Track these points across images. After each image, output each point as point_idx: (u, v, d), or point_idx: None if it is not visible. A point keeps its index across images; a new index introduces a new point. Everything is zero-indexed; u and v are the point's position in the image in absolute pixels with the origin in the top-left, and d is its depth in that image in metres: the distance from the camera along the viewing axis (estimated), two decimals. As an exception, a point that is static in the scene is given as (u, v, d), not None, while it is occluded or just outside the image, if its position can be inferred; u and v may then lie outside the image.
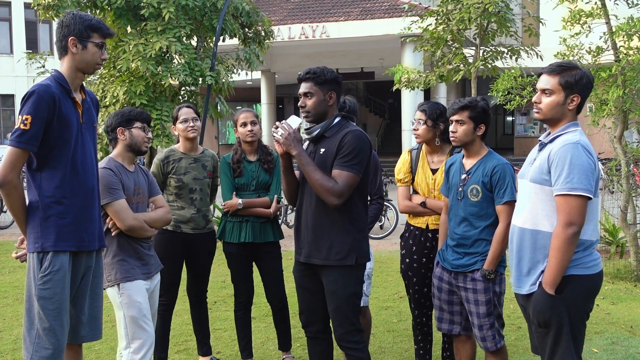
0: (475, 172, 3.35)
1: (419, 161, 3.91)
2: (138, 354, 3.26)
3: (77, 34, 2.84)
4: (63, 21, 2.85)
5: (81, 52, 2.86)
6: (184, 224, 4.07)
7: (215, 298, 6.15)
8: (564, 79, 2.73)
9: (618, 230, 7.89)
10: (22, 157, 2.74)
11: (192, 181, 4.07)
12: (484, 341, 3.37)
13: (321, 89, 3.20)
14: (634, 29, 6.46)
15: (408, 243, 3.93)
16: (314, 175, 3.07)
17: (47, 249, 2.80)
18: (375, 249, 8.53)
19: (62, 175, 2.82)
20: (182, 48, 8.67)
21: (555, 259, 2.65)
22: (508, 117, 29.52)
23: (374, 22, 17.54)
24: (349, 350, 3.21)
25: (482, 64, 9.16)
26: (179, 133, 4.12)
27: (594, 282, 2.76)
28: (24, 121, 2.70)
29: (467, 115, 3.34)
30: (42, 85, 2.77)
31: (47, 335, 2.80)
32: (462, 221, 3.37)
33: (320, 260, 3.18)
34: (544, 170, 2.73)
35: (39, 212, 2.81)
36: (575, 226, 2.61)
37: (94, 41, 2.88)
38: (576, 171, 2.62)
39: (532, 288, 2.78)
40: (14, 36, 25.63)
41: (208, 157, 4.22)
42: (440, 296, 3.53)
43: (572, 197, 2.62)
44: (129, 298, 3.28)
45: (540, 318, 2.72)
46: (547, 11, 10.82)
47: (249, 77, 19.31)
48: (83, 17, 2.87)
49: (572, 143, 2.67)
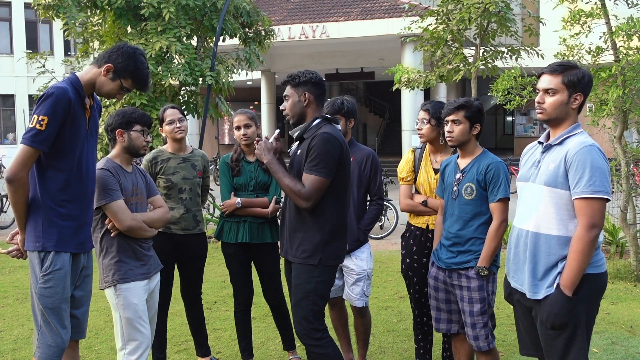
0: (470, 171, 3.36)
1: (422, 160, 3.92)
2: (133, 356, 3.26)
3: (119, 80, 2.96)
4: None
5: (113, 78, 2.94)
6: (174, 224, 4.04)
7: (215, 298, 6.15)
8: (567, 78, 2.71)
9: (618, 230, 7.89)
10: (34, 156, 2.78)
11: (181, 181, 4.05)
12: (476, 340, 3.36)
13: (296, 90, 3.30)
14: (633, 29, 6.46)
15: (409, 243, 3.93)
16: (283, 181, 3.23)
17: (49, 249, 2.84)
18: (375, 249, 8.54)
19: (66, 179, 2.87)
20: (182, 48, 8.67)
21: (576, 261, 2.62)
22: (508, 117, 29.53)
23: (374, 22, 17.54)
24: (309, 347, 3.24)
25: (482, 64, 9.16)
26: (166, 134, 4.11)
27: (603, 280, 2.77)
28: (40, 121, 2.73)
29: (463, 114, 3.36)
30: (60, 87, 2.80)
31: (49, 332, 2.85)
32: (456, 220, 3.38)
33: (290, 256, 3.32)
34: (559, 173, 2.68)
35: (41, 211, 2.84)
36: (597, 228, 2.60)
37: (126, 83, 2.97)
38: (597, 174, 2.59)
39: (548, 291, 2.73)
40: (14, 36, 25.63)
41: (198, 156, 4.19)
42: (437, 296, 3.53)
43: (594, 200, 2.59)
44: (125, 299, 3.27)
45: (557, 321, 2.68)
46: (547, 11, 10.82)
47: (249, 77, 19.32)
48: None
49: (589, 146, 2.64)
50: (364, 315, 4.17)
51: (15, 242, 2.99)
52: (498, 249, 3.34)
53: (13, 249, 3.01)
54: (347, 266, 4.01)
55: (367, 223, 4.05)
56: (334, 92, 26.31)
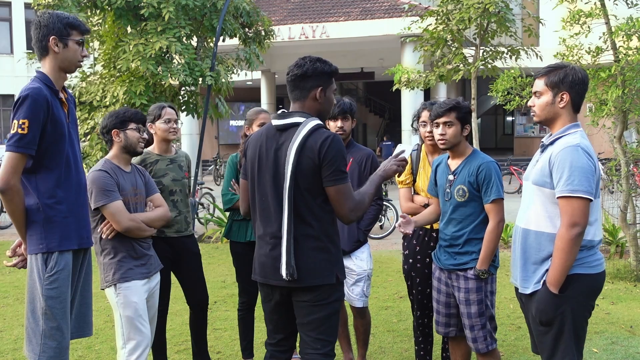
0: (461, 173, 3.37)
1: (419, 162, 3.91)
2: (133, 355, 3.27)
3: (57, 33, 2.82)
4: (40, 21, 2.83)
5: (63, 51, 2.84)
6: (167, 228, 3.91)
7: (215, 298, 6.15)
8: (549, 79, 2.81)
9: (618, 230, 7.89)
10: (22, 162, 2.74)
11: (171, 183, 3.96)
12: (474, 342, 3.36)
13: None
14: (633, 29, 6.47)
15: (411, 244, 3.92)
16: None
17: (53, 249, 2.81)
18: (375, 249, 8.54)
19: (58, 175, 2.83)
20: (182, 48, 8.67)
21: (559, 259, 2.68)
22: (508, 117, 29.52)
23: (374, 22, 17.54)
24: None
25: (482, 64, 9.17)
26: (156, 132, 3.96)
27: (597, 281, 2.80)
28: (21, 125, 2.69)
29: (455, 116, 3.37)
30: (34, 88, 2.76)
31: (54, 334, 2.82)
32: (451, 222, 3.39)
33: None
34: (545, 173, 2.77)
35: (40, 214, 2.81)
36: (578, 227, 2.65)
37: (74, 39, 2.86)
38: (577, 173, 2.66)
39: (535, 287, 2.81)
40: (14, 36, 25.60)
41: (182, 157, 4.11)
42: (439, 298, 3.54)
43: (573, 199, 2.65)
44: (125, 298, 3.28)
45: (543, 317, 2.75)
46: (547, 11, 10.83)
47: (249, 77, 19.33)
48: (61, 15, 2.85)
49: (572, 146, 2.71)
50: (363, 315, 4.17)
51: (19, 254, 2.95)
52: (496, 249, 3.35)
53: (18, 261, 2.97)
54: (347, 266, 4.01)
55: (366, 223, 4.05)
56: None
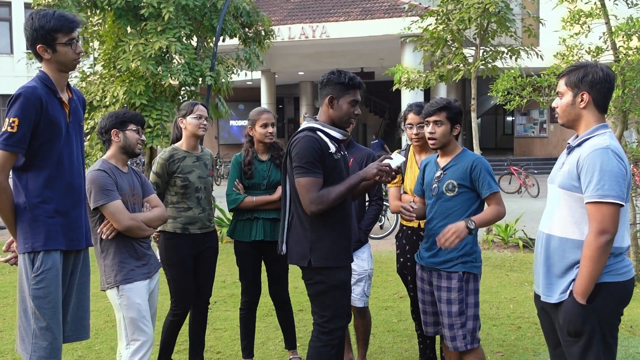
0: (451, 169, 3.37)
1: (407, 162, 3.94)
2: (137, 355, 3.27)
3: (42, 41, 2.80)
4: (26, 29, 2.81)
5: (53, 56, 2.83)
6: (192, 224, 4.00)
7: (215, 298, 6.14)
8: (569, 79, 2.71)
9: (618, 230, 7.87)
10: (10, 160, 2.73)
11: (197, 180, 4.02)
12: (453, 341, 3.33)
13: None
14: (633, 29, 6.47)
15: (402, 243, 3.99)
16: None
17: (38, 249, 2.81)
18: (375, 249, 8.54)
19: (48, 175, 2.82)
20: (182, 48, 8.67)
21: (587, 268, 2.55)
22: (508, 117, 29.53)
23: (374, 22, 17.56)
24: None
25: (482, 64, 9.17)
26: (186, 127, 4.04)
27: (626, 288, 2.69)
28: (11, 124, 2.69)
29: (445, 115, 3.37)
30: (29, 87, 2.75)
31: (44, 334, 2.81)
32: (436, 217, 3.37)
33: None
34: (573, 176, 2.63)
35: (27, 213, 2.81)
36: (608, 234, 2.52)
37: (61, 42, 2.82)
38: (607, 177, 2.52)
39: (562, 297, 2.68)
40: (14, 36, 25.60)
41: (207, 155, 4.20)
42: (424, 298, 3.53)
43: (604, 205, 2.52)
44: (128, 300, 3.28)
45: (572, 328, 2.62)
46: (547, 11, 10.83)
47: (249, 77, 19.34)
48: (42, 20, 2.79)
49: (601, 148, 2.57)
50: (364, 315, 4.18)
51: (12, 250, 2.98)
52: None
53: (11, 257, 3.01)
54: (348, 266, 4.03)
55: (367, 223, 4.07)
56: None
